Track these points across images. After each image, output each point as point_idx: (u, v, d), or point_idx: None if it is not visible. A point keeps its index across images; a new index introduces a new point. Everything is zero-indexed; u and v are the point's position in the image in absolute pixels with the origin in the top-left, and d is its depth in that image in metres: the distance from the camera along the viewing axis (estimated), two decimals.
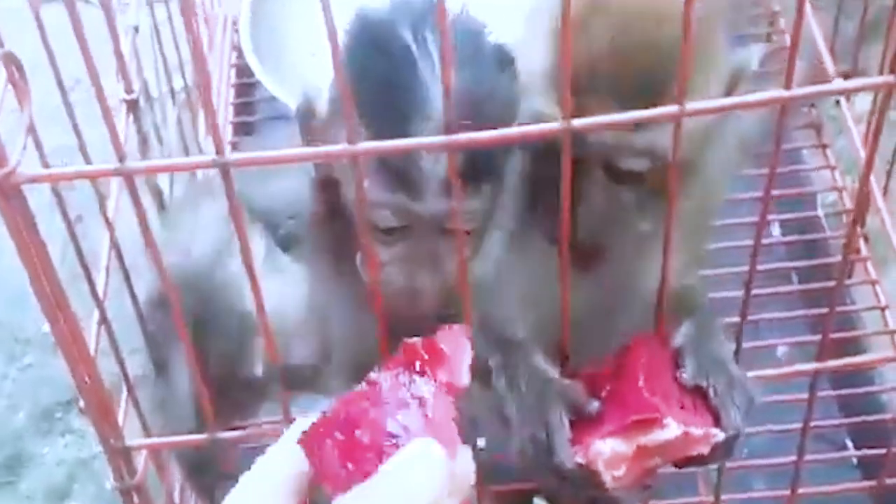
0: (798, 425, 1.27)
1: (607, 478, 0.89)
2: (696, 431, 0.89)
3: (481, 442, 1.04)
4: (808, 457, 1.11)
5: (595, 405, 0.92)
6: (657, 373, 0.92)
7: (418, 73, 0.89)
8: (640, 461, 0.90)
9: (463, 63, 0.88)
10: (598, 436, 0.90)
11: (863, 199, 0.89)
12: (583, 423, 0.92)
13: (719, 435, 0.90)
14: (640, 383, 0.90)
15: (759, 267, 0.93)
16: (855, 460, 1.61)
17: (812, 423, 1.08)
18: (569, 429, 0.92)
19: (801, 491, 1.13)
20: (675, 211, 0.85)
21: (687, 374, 0.93)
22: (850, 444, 1.64)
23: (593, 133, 0.91)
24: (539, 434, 0.92)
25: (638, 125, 0.89)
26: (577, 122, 0.77)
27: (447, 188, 0.89)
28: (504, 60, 0.95)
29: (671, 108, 0.77)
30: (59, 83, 1.00)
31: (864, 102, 1.73)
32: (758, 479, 1.58)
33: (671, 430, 0.88)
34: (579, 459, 0.90)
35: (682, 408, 0.91)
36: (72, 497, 1.73)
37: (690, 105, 0.77)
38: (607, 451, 0.89)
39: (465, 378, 0.77)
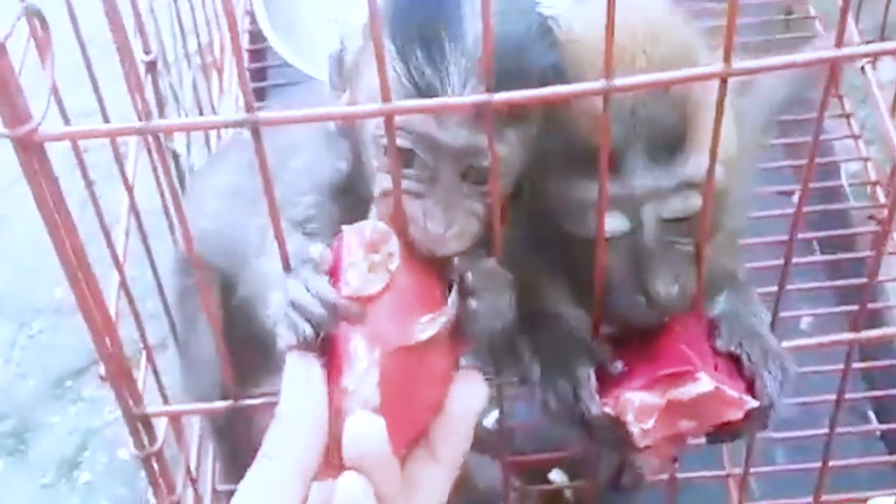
0: (821, 397, 1.26)
1: (635, 429, 0.87)
2: (730, 392, 0.87)
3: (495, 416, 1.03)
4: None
5: (619, 366, 0.90)
6: (692, 335, 0.91)
7: (460, 13, 0.85)
8: (669, 418, 0.87)
9: (504, 17, 0.86)
10: (629, 388, 0.88)
11: None
12: (612, 379, 0.90)
13: (752, 402, 0.88)
14: (675, 338, 0.89)
15: (783, 237, 0.91)
16: (879, 433, 1.59)
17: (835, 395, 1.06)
18: (595, 380, 0.90)
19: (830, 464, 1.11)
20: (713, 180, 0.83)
21: (721, 341, 0.91)
22: (872, 416, 1.63)
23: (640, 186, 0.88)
24: (563, 384, 0.90)
25: (676, 160, 0.88)
26: (618, 82, 0.75)
27: (472, 121, 0.85)
28: (546, 24, 0.92)
29: (716, 67, 0.75)
30: (79, 39, 0.97)
31: (888, 72, 1.71)
32: (779, 452, 1.56)
33: (703, 384, 0.86)
34: (608, 410, 0.88)
35: (716, 369, 0.89)
36: (82, 466, 1.72)
37: (736, 64, 0.75)
38: (637, 402, 0.87)
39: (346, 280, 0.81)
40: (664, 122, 0.87)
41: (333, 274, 0.82)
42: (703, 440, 0.93)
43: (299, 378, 0.80)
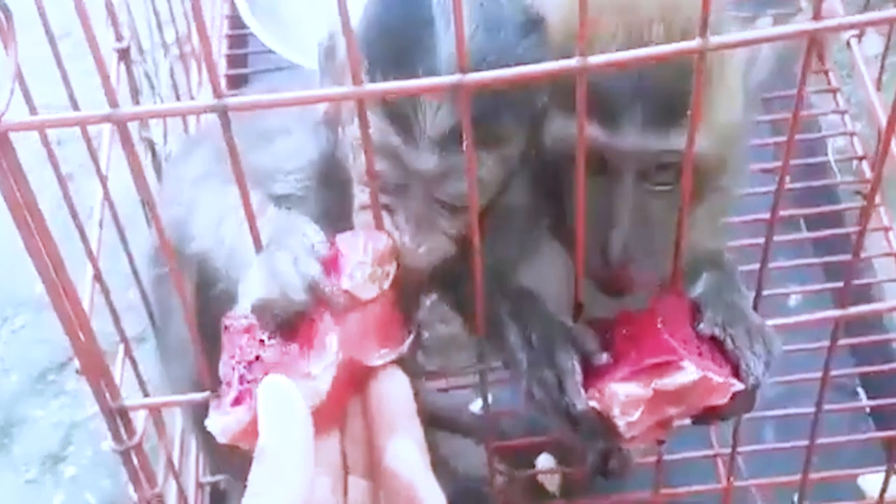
0: (807, 375, 1.25)
1: (621, 423, 0.86)
2: (715, 378, 0.86)
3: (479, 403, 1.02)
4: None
5: (604, 357, 0.89)
6: (675, 321, 0.89)
7: (433, 27, 0.86)
8: (655, 407, 0.86)
9: (486, 23, 0.86)
10: (614, 380, 0.87)
11: (885, 148, 0.85)
12: (597, 369, 0.89)
13: (737, 385, 0.87)
14: (658, 325, 0.87)
15: (767, 216, 0.90)
16: (868, 410, 1.58)
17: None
18: (580, 372, 0.89)
19: (818, 441, 1.10)
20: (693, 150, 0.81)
21: (704, 323, 0.90)
22: (861, 392, 1.62)
23: (628, 142, 0.89)
24: (548, 375, 0.89)
25: (671, 128, 0.88)
26: (594, 59, 0.73)
27: (443, 148, 0.87)
28: (532, 23, 0.92)
29: (693, 43, 0.74)
30: (47, 28, 0.96)
31: (873, 46, 1.69)
32: (767, 430, 1.55)
33: (689, 373, 0.85)
34: (593, 404, 0.87)
35: (700, 355, 0.88)
36: (67, 460, 1.71)
37: (714, 39, 0.73)
38: (622, 394, 0.86)
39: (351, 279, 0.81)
40: (670, 90, 0.87)
41: (331, 265, 0.83)
42: (688, 422, 0.92)
43: (279, 407, 0.76)
